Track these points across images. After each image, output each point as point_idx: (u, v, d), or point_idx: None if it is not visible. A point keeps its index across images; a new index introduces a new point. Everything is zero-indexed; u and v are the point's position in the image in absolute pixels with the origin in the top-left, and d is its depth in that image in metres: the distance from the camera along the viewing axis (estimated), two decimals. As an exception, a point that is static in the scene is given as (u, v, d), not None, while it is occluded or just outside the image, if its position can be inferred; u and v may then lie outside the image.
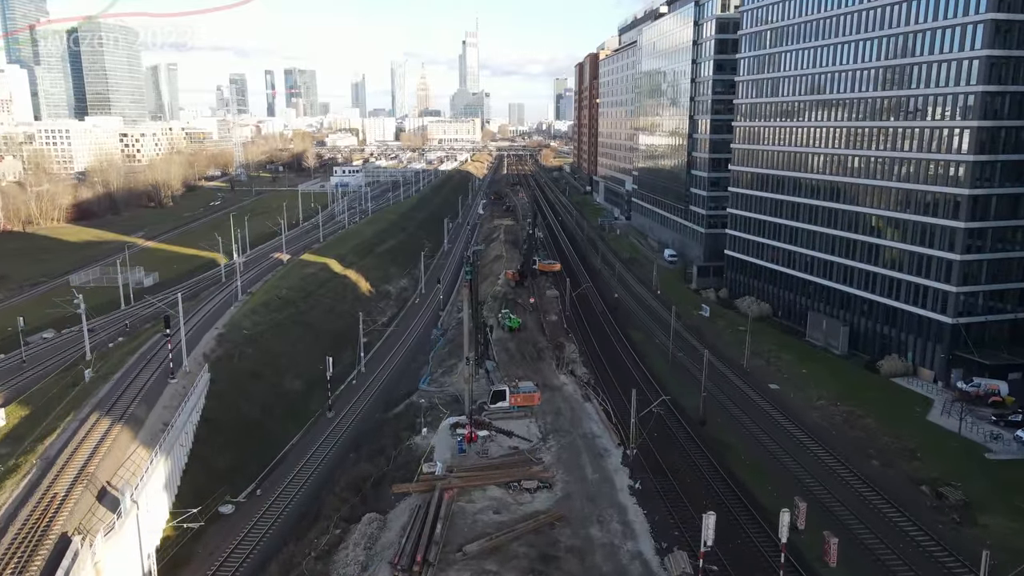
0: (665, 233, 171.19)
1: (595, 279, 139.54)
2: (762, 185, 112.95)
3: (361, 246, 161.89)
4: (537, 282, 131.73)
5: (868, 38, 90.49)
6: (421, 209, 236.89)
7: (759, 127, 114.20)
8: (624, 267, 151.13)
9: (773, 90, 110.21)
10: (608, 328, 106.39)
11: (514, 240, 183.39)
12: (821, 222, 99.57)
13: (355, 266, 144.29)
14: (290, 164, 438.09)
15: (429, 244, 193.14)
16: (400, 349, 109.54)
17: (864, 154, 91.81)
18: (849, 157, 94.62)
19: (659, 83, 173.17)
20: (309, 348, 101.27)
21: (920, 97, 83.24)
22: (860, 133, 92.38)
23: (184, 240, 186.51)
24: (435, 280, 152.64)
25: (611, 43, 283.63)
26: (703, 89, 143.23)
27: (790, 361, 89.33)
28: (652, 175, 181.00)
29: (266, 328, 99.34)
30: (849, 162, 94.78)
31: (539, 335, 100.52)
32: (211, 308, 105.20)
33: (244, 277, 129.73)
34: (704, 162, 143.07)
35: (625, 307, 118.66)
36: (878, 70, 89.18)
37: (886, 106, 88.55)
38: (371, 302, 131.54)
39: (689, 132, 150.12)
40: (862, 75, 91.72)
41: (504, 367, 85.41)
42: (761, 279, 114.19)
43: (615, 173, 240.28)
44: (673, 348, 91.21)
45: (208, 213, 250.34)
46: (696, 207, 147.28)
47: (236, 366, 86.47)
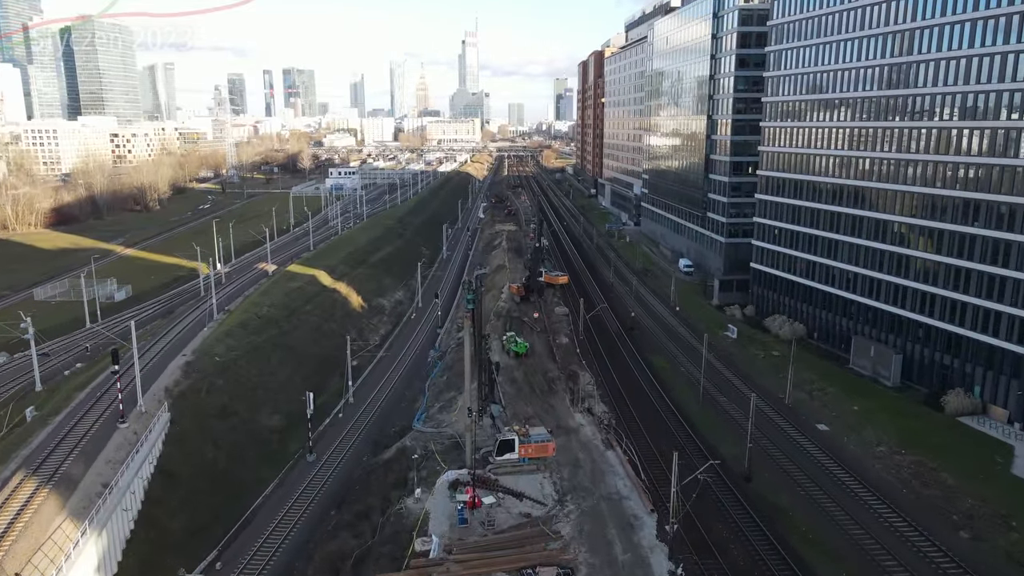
0: (679, 241, 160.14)
1: (607, 293, 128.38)
2: (796, 192, 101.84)
3: (354, 255, 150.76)
4: (544, 297, 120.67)
5: (956, 21, 75.64)
6: (419, 213, 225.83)
7: (793, 128, 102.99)
8: (637, 279, 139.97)
9: (812, 87, 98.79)
10: (626, 353, 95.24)
11: (517, 248, 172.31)
12: (867, 235, 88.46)
13: (346, 278, 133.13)
14: (285, 165, 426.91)
15: (427, 252, 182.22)
16: (394, 374, 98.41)
17: (922, 159, 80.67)
18: (903, 162, 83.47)
19: (672, 81, 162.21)
20: (291, 376, 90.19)
21: (993, 93, 72.07)
22: (920, 135, 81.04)
23: (167, 247, 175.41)
24: (433, 293, 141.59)
25: (617, 40, 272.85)
26: (723, 87, 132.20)
27: (836, 395, 78.21)
28: (664, 179, 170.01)
29: (242, 353, 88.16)
30: (902, 168, 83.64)
31: (549, 362, 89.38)
32: (181, 330, 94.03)
33: (224, 292, 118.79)
34: (724, 166, 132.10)
35: (642, 327, 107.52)
36: (965, 60, 75.70)
37: (967, 104, 77.13)
38: (363, 319, 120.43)
39: (707, 133, 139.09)
40: (943, 68, 79.38)
41: (511, 402, 74.39)
42: (794, 296, 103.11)
43: (622, 176, 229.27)
44: (705, 382, 79.64)
45: (196, 217, 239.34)
46: (715, 214, 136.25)
47: (203, 401, 75.33)
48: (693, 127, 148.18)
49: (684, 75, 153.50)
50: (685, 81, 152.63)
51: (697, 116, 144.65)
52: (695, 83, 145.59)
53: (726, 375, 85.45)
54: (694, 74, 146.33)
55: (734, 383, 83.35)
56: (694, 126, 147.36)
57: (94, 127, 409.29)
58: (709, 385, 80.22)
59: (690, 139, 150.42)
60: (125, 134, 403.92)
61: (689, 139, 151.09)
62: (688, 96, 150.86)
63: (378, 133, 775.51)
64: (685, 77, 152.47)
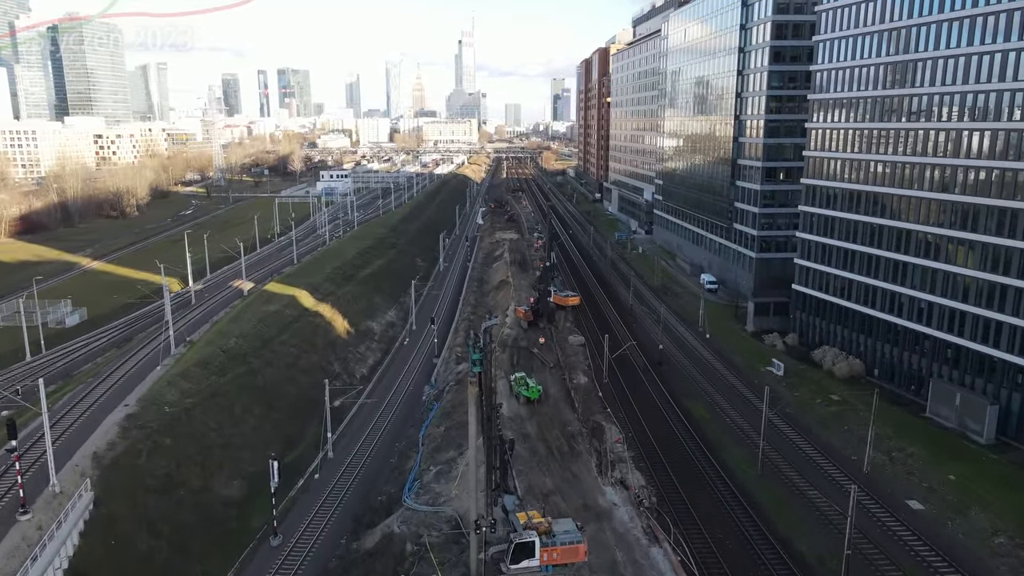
0: (698, 253, 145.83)
1: (625, 317, 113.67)
2: (852, 204, 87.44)
3: (341, 270, 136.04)
4: (555, 322, 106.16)
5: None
6: (414, 220, 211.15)
7: (850, 130, 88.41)
8: (656, 297, 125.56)
9: (878, 81, 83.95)
10: (656, 396, 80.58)
11: (521, 260, 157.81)
12: (950, 258, 74.13)
13: (331, 298, 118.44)
14: (276, 167, 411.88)
15: (423, 264, 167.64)
16: (383, 418, 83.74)
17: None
18: (997, 171, 69.02)
19: (689, 78, 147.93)
20: (259, 426, 75.56)
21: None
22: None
23: (138, 260, 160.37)
24: (429, 317, 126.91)
25: (623, 37, 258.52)
26: (753, 84, 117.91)
27: (922, 457, 63.80)
28: (681, 184, 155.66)
29: (199, 400, 73.48)
30: (991, 178, 69.24)
31: (567, 409, 74.85)
32: (128, 369, 79.25)
33: (189, 317, 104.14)
34: (754, 172, 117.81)
35: (671, 360, 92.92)
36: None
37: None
38: (349, 347, 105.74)
39: (733, 135, 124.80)
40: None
41: (524, 469, 59.99)
42: (849, 326, 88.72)
43: (630, 180, 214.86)
44: (764, 444, 64.73)
45: (176, 224, 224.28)
46: (743, 226, 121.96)
47: (142, 470, 60.66)
48: (716, 129, 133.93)
49: (704, 72, 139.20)
50: (706, 78, 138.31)
51: (721, 117, 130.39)
52: (718, 80, 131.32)
53: (780, 428, 71.00)
54: (717, 70, 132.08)
55: (792, 440, 68.96)
56: (717, 128, 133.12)
57: (77, 128, 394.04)
58: (767, 446, 65.53)
59: (712, 142, 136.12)
60: (110, 135, 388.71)
61: (711, 142, 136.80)
62: (709, 95, 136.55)
63: (373, 134, 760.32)
64: (706, 74, 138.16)
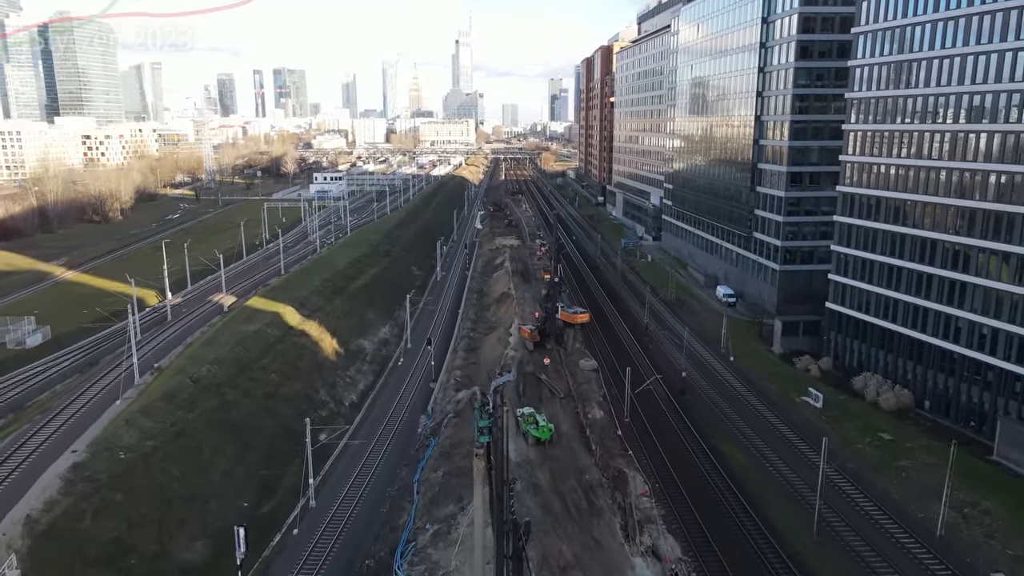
0: (712, 263, 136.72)
1: (640, 337, 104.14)
2: (898, 216, 78.30)
3: (331, 282, 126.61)
4: (564, 343, 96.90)
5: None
6: (409, 224, 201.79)
7: (895, 132, 79.18)
8: (671, 312, 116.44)
9: (929, 79, 74.54)
10: (683, 434, 71.19)
11: (524, 270, 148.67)
12: (1018, 278, 65.02)
13: (320, 314, 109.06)
14: (269, 169, 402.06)
15: (419, 273, 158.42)
16: (373, 456, 74.35)
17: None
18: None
19: (703, 76, 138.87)
20: (230, 471, 66.16)
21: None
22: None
23: (116, 269, 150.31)
24: (425, 329, 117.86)
25: (627, 34, 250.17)
26: (777, 82, 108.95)
27: (1001, 515, 54.63)
28: (693, 189, 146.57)
29: (162, 442, 64.09)
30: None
31: (583, 452, 65.53)
32: (83, 404, 69.87)
33: (159, 339, 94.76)
34: (777, 177, 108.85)
35: (695, 388, 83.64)
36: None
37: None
38: (338, 370, 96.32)
39: (754, 137, 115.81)
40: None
41: (538, 534, 50.57)
42: (893, 351, 79.60)
43: (636, 183, 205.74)
44: (820, 504, 55.08)
45: (161, 229, 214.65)
46: (765, 235, 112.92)
47: (85, 535, 51.29)
48: (733, 130, 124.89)
49: (719, 70, 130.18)
50: (720, 77, 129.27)
51: (739, 117, 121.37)
52: (735, 78, 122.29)
53: (828, 474, 61.69)
54: (734, 68, 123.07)
55: (844, 491, 59.71)
56: (735, 129, 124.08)
57: (64, 129, 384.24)
58: (819, 501, 56.12)
59: (728, 144, 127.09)
60: (98, 136, 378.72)
61: (727, 144, 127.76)
62: (725, 94, 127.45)
63: (369, 134, 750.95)
64: (720, 72, 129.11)
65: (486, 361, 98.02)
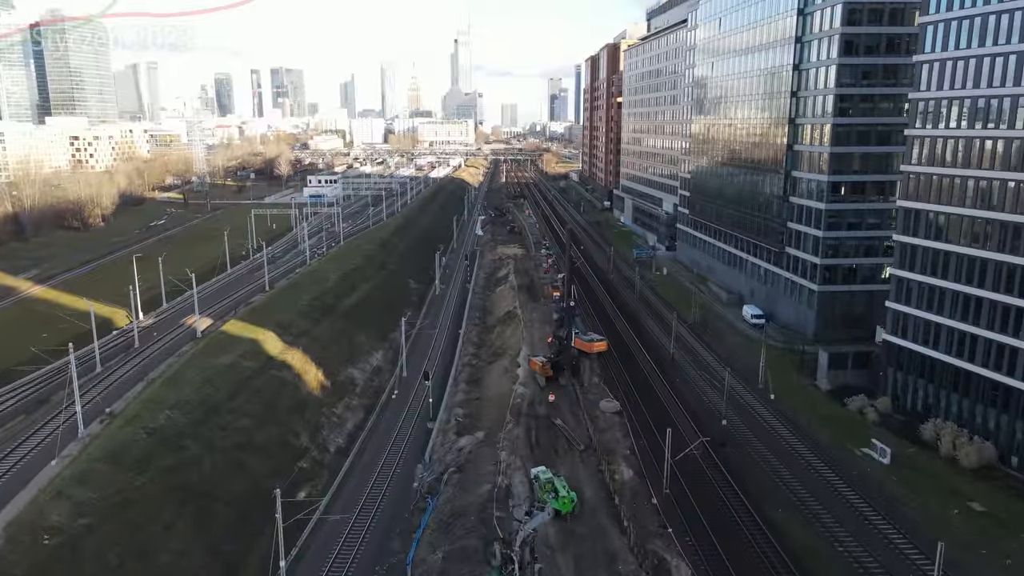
0: (736, 278, 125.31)
1: (665, 368, 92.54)
2: (980, 238, 66.85)
3: (319, 300, 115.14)
4: (580, 377, 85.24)
5: None
6: (406, 232, 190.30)
7: (975, 138, 67.44)
8: (693, 334, 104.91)
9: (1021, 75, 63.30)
10: (730, 501, 59.14)
11: (529, 285, 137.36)
12: None
13: (305, 339, 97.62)
14: (263, 171, 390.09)
15: (416, 287, 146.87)
16: (359, 523, 62.78)
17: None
18: None
19: (727, 73, 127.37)
20: (183, 553, 54.45)
21: None
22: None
23: (89, 283, 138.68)
24: (423, 354, 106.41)
25: (635, 31, 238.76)
26: (816, 80, 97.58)
27: None
28: (713, 197, 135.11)
29: (100, 519, 52.55)
30: None
31: (613, 530, 53.92)
32: (7, 469, 58.25)
33: (118, 373, 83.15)
34: (816, 187, 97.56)
35: (736, 436, 72.06)
36: None
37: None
38: (323, 406, 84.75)
39: (787, 142, 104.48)
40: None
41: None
42: (970, 394, 68.16)
43: (647, 188, 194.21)
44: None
45: (145, 236, 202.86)
46: (800, 251, 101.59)
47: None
48: (761, 134, 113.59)
49: (745, 67, 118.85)
50: (748, 75, 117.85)
51: (771, 119, 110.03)
52: (766, 77, 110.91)
53: (912, 559, 50.31)
54: (763, 65, 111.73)
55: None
56: (764, 133, 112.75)
57: (51, 129, 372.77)
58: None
59: (757, 149, 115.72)
60: (87, 137, 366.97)
61: (755, 149, 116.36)
62: (753, 94, 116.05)
63: (368, 135, 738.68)
64: (748, 69, 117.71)
65: (491, 396, 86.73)
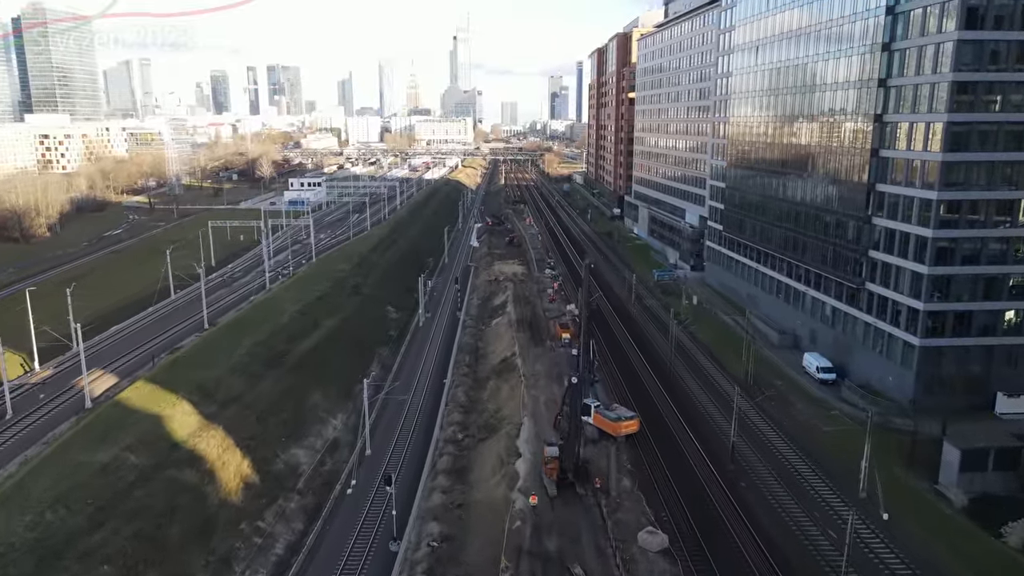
0: (788, 313, 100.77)
1: (723, 466, 66.66)
2: None
3: (265, 345, 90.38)
4: (604, 487, 60.16)
5: None
6: (390, 246, 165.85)
7: None
8: (749, 401, 79.40)
9: None
10: None
11: (531, 318, 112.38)
12: None
13: (232, 409, 72.99)
14: (246, 172, 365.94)
15: (396, 316, 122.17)
16: None
17: None
18: None
19: (779, 59, 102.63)
20: None
21: None
22: None
23: (4, 312, 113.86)
24: (393, 416, 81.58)
25: (649, 19, 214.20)
26: (921, 63, 72.88)
27: None
28: (758, 211, 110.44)
29: None
30: None
31: None
32: None
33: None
34: (917, 206, 72.91)
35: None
36: None
37: None
38: (243, 520, 59.93)
39: (871, 145, 79.81)
40: None
41: None
42: None
43: (666, 197, 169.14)
44: None
45: (95, 248, 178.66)
46: (892, 290, 77.00)
47: None
48: (832, 135, 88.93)
49: (804, 51, 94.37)
50: (811, 60, 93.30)
51: (845, 116, 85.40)
52: (839, 62, 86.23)
53: None
54: (836, 47, 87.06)
55: None
56: (835, 134, 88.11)
57: (18, 127, 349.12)
58: None
59: (824, 154, 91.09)
60: (58, 136, 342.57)
61: (821, 154, 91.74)
62: (819, 84, 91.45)
63: (363, 133, 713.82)
64: (811, 53, 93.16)
65: (479, 502, 61.97)
